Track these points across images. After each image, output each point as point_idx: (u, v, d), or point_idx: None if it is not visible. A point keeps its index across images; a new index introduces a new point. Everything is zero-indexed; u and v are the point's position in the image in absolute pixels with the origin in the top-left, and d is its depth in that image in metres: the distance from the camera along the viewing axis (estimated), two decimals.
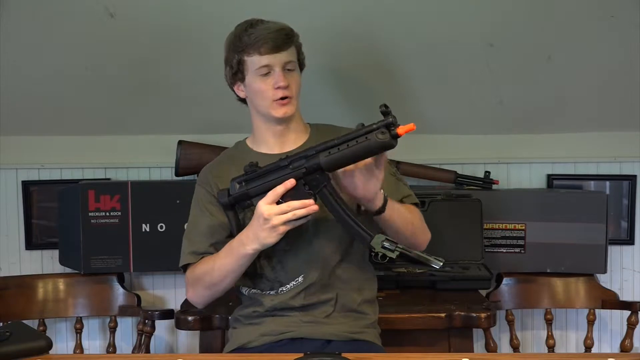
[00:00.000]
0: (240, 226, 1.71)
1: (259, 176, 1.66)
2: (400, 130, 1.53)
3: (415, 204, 1.89)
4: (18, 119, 2.53)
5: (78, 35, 2.24)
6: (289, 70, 1.77)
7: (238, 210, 1.71)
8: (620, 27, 2.24)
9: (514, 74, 2.44)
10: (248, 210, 1.71)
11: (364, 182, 1.62)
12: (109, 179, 2.66)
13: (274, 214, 1.59)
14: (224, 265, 1.71)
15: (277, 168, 1.64)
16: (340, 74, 2.43)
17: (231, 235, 1.78)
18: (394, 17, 2.23)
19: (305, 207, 1.59)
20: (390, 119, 1.53)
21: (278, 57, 1.74)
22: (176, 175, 2.52)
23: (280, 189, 1.60)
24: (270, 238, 1.62)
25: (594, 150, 2.68)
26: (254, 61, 1.75)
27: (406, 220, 1.77)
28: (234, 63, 1.78)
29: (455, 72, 2.43)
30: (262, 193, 1.63)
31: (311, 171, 1.60)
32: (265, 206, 1.60)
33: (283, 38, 1.75)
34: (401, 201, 1.83)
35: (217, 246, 1.77)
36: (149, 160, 2.66)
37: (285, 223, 1.60)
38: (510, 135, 2.67)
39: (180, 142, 2.50)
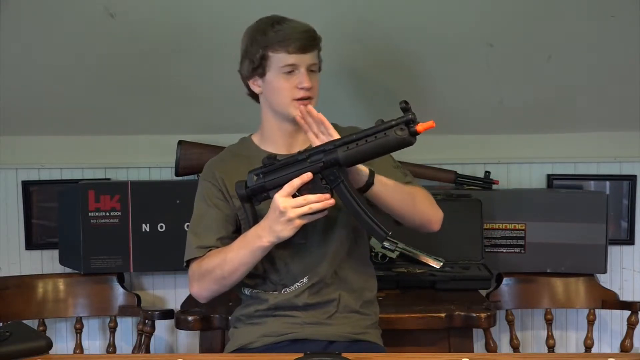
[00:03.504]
0: (256, 219, 1.70)
1: (277, 169, 1.65)
2: (419, 127, 1.53)
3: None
4: (18, 119, 2.53)
5: (78, 35, 2.24)
6: (312, 71, 1.76)
7: (255, 202, 1.70)
8: (620, 27, 2.25)
9: (514, 74, 2.44)
10: (264, 203, 1.69)
11: None
12: (109, 179, 2.66)
13: (290, 206, 1.59)
14: (237, 257, 1.69)
15: (295, 161, 1.63)
16: (341, 73, 2.43)
17: (238, 230, 1.79)
18: (394, 17, 2.23)
19: (322, 201, 1.59)
20: (410, 116, 1.53)
21: (304, 57, 1.74)
22: (176, 175, 2.51)
23: (296, 182, 1.59)
24: (286, 231, 1.61)
25: (594, 150, 2.68)
26: (280, 59, 1.73)
27: (402, 191, 1.75)
28: (257, 58, 1.75)
29: (455, 72, 2.44)
30: (279, 186, 1.62)
31: (329, 165, 1.59)
32: (281, 199, 1.60)
33: (311, 39, 1.75)
34: None
35: (223, 241, 1.76)
36: (149, 160, 2.66)
37: (301, 217, 1.59)
38: (510, 135, 2.67)
39: (180, 142, 2.50)
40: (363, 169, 1.66)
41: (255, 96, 1.85)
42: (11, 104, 2.44)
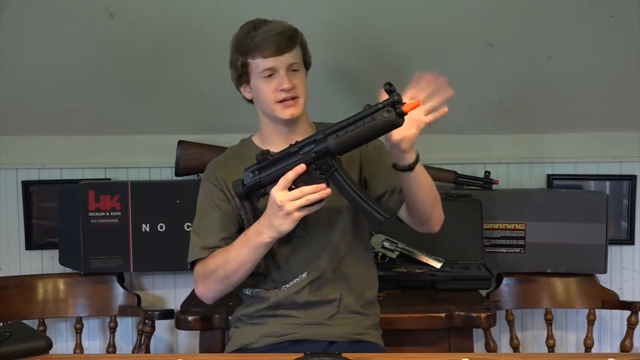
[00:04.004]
0: (256, 216, 1.70)
1: (271, 164, 1.65)
2: (405, 107, 1.52)
3: None
4: (18, 119, 2.53)
5: (78, 35, 2.25)
6: (293, 70, 1.76)
7: (254, 199, 1.70)
8: (620, 27, 2.25)
9: (514, 74, 2.44)
10: (264, 200, 1.69)
11: (406, 126, 1.54)
12: (109, 179, 2.66)
13: (287, 200, 1.58)
14: (239, 255, 1.69)
15: (287, 154, 1.63)
16: (340, 73, 2.44)
17: (241, 230, 1.79)
18: (394, 17, 2.24)
19: (318, 191, 1.59)
20: (395, 97, 1.52)
21: (281, 59, 1.74)
22: (176, 175, 2.52)
23: (290, 175, 1.59)
24: (285, 225, 1.61)
25: (594, 150, 2.68)
26: (258, 64, 1.74)
27: (431, 186, 1.74)
28: (238, 65, 1.77)
29: (455, 72, 2.42)
30: (275, 181, 1.62)
31: (321, 155, 1.59)
32: (277, 193, 1.60)
33: (286, 40, 1.74)
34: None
35: (227, 241, 1.77)
36: (149, 160, 2.66)
37: (299, 209, 1.59)
38: (510, 135, 2.67)
39: (180, 142, 2.50)
40: (413, 149, 1.60)
41: (251, 101, 1.86)
42: (11, 104, 2.44)
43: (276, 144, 1.82)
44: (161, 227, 2.49)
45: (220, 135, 2.54)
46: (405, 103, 1.52)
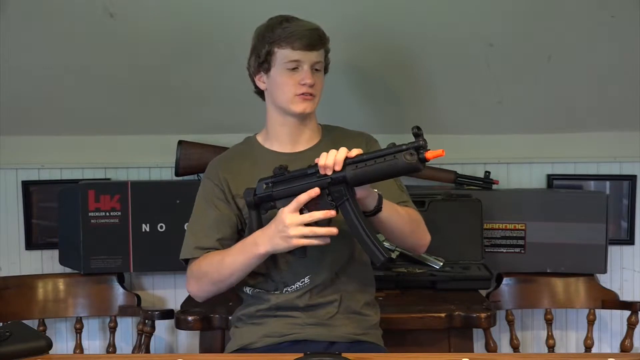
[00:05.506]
0: (260, 226, 1.70)
1: (286, 180, 1.65)
2: (428, 154, 1.52)
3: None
4: (18, 119, 2.53)
5: (78, 35, 2.25)
6: (316, 70, 1.78)
7: (261, 210, 1.70)
8: (620, 27, 2.25)
9: (514, 74, 2.44)
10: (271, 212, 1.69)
11: None
12: (109, 179, 2.66)
13: (294, 224, 1.59)
14: (233, 262, 1.70)
15: (304, 175, 1.63)
16: (342, 72, 2.43)
17: (239, 232, 1.80)
18: (395, 18, 2.24)
19: (326, 225, 1.58)
20: (421, 142, 1.52)
21: (309, 55, 1.75)
22: (176, 175, 2.52)
23: (303, 198, 1.59)
24: (282, 247, 1.62)
25: (594, 150, 2.68)
26: (285, 54, 1.75)
27: (404, 220, 1.76)
28: (263, 53, 1.77)
29: (455, 72, 2.43)
30: (286, 197, 1.62)
31: (336, 182, 1.59)
32: (287, 215, 1.59)
33: (317, 38, 1.76)
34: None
35: (222, 242, 1.77)
36: (149, 160, 2.66)
37: (300, 237, 1.59)
38: (510, 135, 2.67)
39: (180, 142, 2.50)
40: (372, 194, 1.65)
41: (261, 93, 1.86)
42: (11, 104, 2.44)
43: (281, 141, 1.83)
44: (161, 227, 2.49)
45: (220, 135, 2.54)
46: (429, 150, 1.53)
